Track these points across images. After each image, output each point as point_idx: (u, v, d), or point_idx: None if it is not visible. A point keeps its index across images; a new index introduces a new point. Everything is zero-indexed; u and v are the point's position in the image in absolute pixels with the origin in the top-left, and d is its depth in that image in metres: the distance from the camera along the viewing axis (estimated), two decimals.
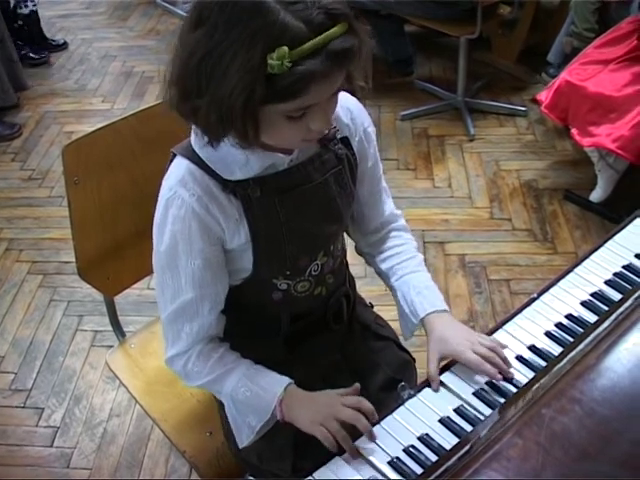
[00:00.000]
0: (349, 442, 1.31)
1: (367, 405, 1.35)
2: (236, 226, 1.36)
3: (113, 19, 5.67)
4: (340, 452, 1.32)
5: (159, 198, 1.37)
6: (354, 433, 1.33)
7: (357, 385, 1.42)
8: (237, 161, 1.32)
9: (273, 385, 1.42)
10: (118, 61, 5.05)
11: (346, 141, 1.48)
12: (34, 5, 4.89)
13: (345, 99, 1.43)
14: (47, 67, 5.01)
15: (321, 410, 1.37)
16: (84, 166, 1.75)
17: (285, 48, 1.10)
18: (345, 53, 1.15)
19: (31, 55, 4.99)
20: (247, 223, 1.36)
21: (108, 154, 1.79)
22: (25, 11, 4.82)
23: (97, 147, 1.77)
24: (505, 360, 1.43)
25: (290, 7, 1.12)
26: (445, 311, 1.55)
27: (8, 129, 4.27)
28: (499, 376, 1.40)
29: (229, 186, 1.34)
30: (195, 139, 1.35)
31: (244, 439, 1.50)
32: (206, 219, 1.33)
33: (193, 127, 1.33)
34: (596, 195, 3.39)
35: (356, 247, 1.72)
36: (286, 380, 1.43)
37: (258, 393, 1.42)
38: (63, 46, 5.22)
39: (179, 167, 1.35)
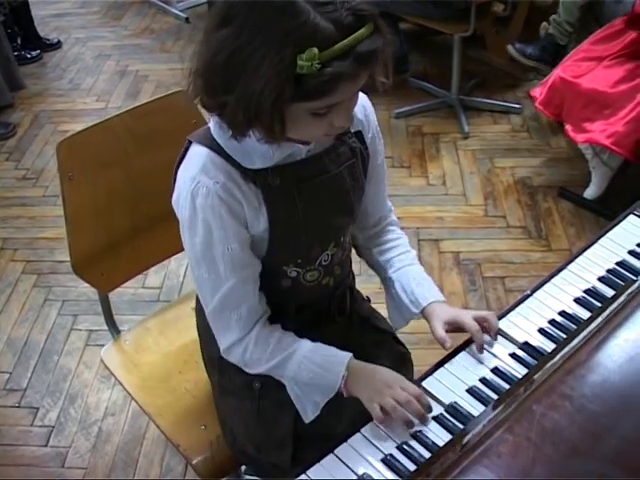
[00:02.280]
0: (402, 412, 1.33)
1: (426, 399, 1.36)
2: (256, 214, 1.37)
3: (107, 18, 5.66)
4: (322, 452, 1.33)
5: (180, 189, 1.37)
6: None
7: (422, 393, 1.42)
8: (256, 150, 1.33)
9: (335, 365, 1.43)
10: (112, 60, 5.04)
11: (360, 135, 1.50)
12: (4, 8, 4.79)
13: (359, 96, 1.43)
14: (41, 66, 5.00)
15: (380, 389, 1.38)
16: (78, 163, 1.76)
17: (315, 49, 1.11)
18: (372, 54, 1.18)
19: (24, 54, 4.97)
20: (266, 211, 1.37)
21: (102, 151, 1.79)
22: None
23: (91, 144, 1.78)
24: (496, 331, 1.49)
25: (320, 8, 1.13)
26: (444, 302, 1.58)
27: (2, 128, 4.26)
28: (483, 351, 1.46)
29: (249, 174, 1.34)
30: (215, 128, 1.35)
31: (310, 414, 1.49)
32: (233, 204, 1.34)
33: (215, 118, 1.33)
34: (590, 192, 3.39)
35: (352, 240, 1.72)
36: (346, 357, 1.44)
37: (321, 374, 1.43)
38: (57, 45, 5.20)
39: (199, 155, 1.36)
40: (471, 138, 4.03)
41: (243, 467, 1.90)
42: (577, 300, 1.58)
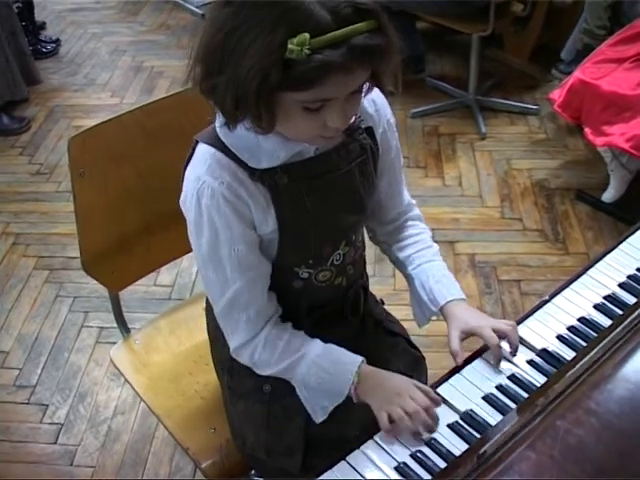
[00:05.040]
0: (408, 423, 1.31)
1: (433, 411, 1.34)
2: (264, 214, 1.35)
3: (123, 13, 5.64)
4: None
5: (186, 189, 1.35)
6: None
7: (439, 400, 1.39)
8: (263, 149, 1.31)
9: (344, 372, 1.40)
10: (128, 56, 5.02)
11: (370, 131, 1.46)
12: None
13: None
14: (56, 61, 4.98)
15: (389, 397, 1.36)
16: (90, 159, 1.74)
17: (306, 35, 1.09)
18: (367, 49, 1.14)
19: (40, 48, 4.95)
20: (275, 211, 1.35)
21: (114, 147, 1.77)
22: None
23: (103, 140, 1.75)
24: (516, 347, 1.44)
25: None
26: (463, 300, 1.54)
27: (17, 123, 4.25)
28: (499, 365, 1.42)
29: (256, 174, 1.32)
30: (220, 127, 1.33)
31: (319, 418, 1.47)
32: (238, 205, 1.32)
33: (217, 114, 1.32)
34: (608, 195, 3.36)
35: (372, 237, 1.71)
36: (355, 363, 1.41)
37: (330, 381, 1.41)
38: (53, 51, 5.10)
39: (204, 155, 1.34)
40: (488, 139, 3.99)
41: (253, 471, 1.87)
42: (597, 307, 1.54)
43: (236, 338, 1.45)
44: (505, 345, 1.44)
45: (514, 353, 1.43)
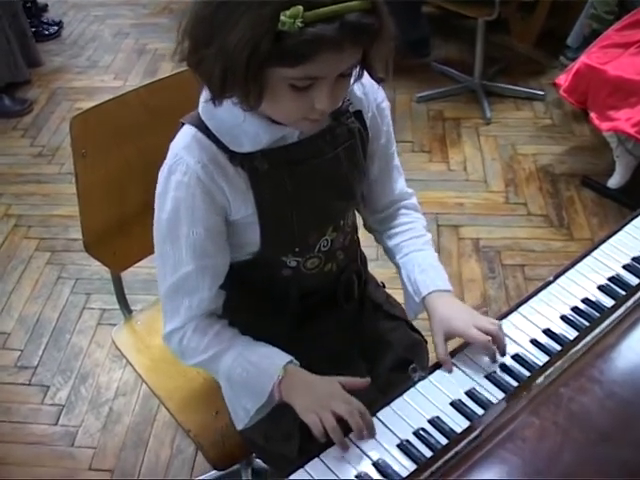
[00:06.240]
0: (340, 435, 1.26)
1: (368, 419, 1.29)
2: (243, 198, 1.33)
3: None
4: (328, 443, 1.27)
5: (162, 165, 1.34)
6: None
7: (368, 379, 1.37)
8: (246, 133, 1.29)
9: (271, 366, 1.37)
10: (131, 38, 5.01)
11: (359, 115, 1.44)
12: None
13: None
14: (59, 43, 4.98)
15: (319, 398, 1.32)
16: (92, 139, 1.72)
17: (300, 7, 1.07)
18: (361, 28, 1.13)
19: (42, 31, 4.95)
20: (254, 196, 1.33)
21: (116, 127, 1.75)
22: None
23: (106, 119, 1.74)
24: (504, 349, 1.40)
25: None
26: (447, 291, 1.51)
27: (19, 105, 4.24)
28: (499, 358, 1.37)
29: (237, 158, 1.30)
30: (203, 110, 1.32)
31: (239, 423, 1.46)
32: (211, 188, 1.30)
33: (202, 95, 1.30)
34: (614, 181, 3.34)
35: (365, 224, 1.69)
36: (285, 359, 1.38)
37: (254, 374, 1.38)
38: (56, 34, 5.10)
39: (185, 134, 1.33)
40: (493, 124, 3.98)
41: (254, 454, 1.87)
42: (601, 288, 1.53)
43: (171, 322, 1.44)
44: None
45: (503, 353, 1.39)
